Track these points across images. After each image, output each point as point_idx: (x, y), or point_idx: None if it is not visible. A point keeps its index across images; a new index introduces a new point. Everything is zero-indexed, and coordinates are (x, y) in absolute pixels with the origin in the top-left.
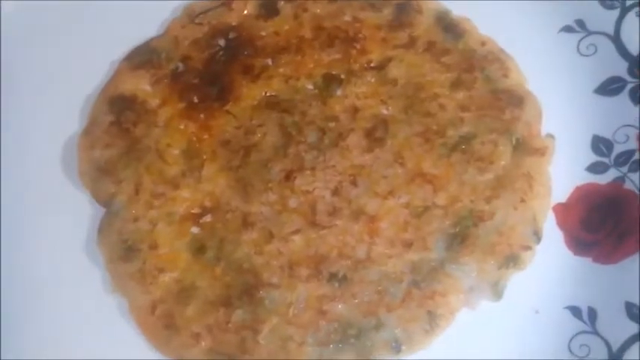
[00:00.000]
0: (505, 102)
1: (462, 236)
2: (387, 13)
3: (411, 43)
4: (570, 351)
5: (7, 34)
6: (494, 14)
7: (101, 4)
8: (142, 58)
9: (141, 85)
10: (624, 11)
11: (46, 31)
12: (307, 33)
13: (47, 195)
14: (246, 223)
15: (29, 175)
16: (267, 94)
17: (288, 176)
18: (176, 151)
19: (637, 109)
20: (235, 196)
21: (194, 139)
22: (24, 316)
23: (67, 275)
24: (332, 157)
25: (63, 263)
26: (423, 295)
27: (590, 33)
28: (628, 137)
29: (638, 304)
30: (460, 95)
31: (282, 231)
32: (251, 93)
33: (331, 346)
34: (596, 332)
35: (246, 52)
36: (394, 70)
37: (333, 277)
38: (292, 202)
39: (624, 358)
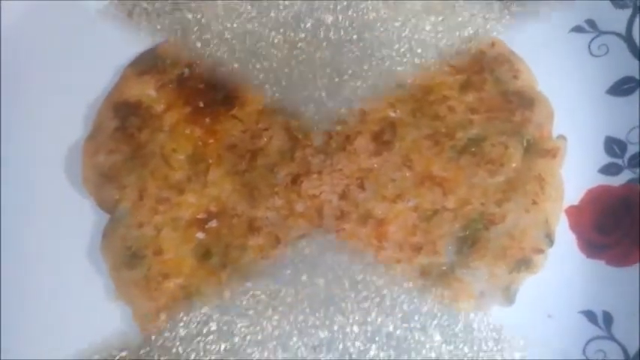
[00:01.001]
0: (515, 104)
1: (472, 240)
2: None
3: None
4: (586, 356)
5: (11, 38)
6: None
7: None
8: (148, 63)
9: (146, 90)
10: (636, 10)
11: (50, 35)
12: None
13: (50, 201)
14: (252, 228)
15: (33, 180)
16: None
17: (295, 180)
18: (181, 156)
19: None
20: (241, 200)
21: (200, 143)
22: (25, 323)
23: (69, 282)
24: (339, 160)
25: (65, 270)
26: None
27: (601, 33)
28: None
29: None
30: (469, 97)
31: (288, 236)
32: (257, 97)
33: None
34: (612, 337)
35: None
36: None
37: None
38: (299, 207)
39: None
